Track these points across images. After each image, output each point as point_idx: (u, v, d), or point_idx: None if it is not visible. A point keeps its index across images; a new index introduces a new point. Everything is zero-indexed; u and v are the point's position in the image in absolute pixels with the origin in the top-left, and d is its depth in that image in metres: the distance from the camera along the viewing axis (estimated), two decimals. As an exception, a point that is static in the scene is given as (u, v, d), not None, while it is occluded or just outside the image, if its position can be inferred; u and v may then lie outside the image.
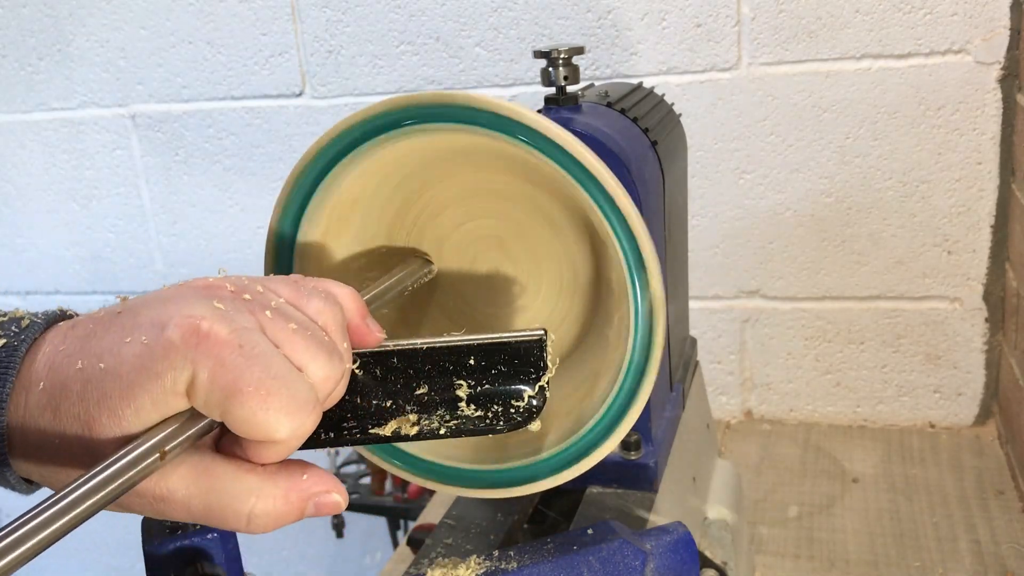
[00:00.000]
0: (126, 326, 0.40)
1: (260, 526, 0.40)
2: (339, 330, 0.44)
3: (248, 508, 0.40)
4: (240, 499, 0.40)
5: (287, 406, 0.38)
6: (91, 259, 1.64)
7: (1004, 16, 1.11)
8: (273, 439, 0.39)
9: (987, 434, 1.25)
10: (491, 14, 1.29)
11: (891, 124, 1.18)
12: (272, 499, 0.40)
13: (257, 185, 1.50)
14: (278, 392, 0.38)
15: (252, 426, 0.38)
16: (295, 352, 0.40)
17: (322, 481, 0.42)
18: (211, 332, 0.38)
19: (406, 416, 0.47)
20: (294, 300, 0.43)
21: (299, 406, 0.39)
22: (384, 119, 0.52)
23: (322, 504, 0.42)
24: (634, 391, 0.55)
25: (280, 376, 0.39)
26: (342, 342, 0.44)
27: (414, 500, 1.46)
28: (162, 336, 0.38)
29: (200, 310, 0.39)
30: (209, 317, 0.39)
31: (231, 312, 0.40)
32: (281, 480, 0.41)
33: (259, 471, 0.40)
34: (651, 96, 0.85)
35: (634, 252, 0.52)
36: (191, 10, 1.42)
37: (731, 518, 0.86)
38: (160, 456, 0.37)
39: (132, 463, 0.36)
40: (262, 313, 0.41)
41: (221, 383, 0.38)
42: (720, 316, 1.33)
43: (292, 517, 0.41)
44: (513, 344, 0.47)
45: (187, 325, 0.38)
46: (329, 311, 0.44)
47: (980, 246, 1.20)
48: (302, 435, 0.40)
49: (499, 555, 0.52)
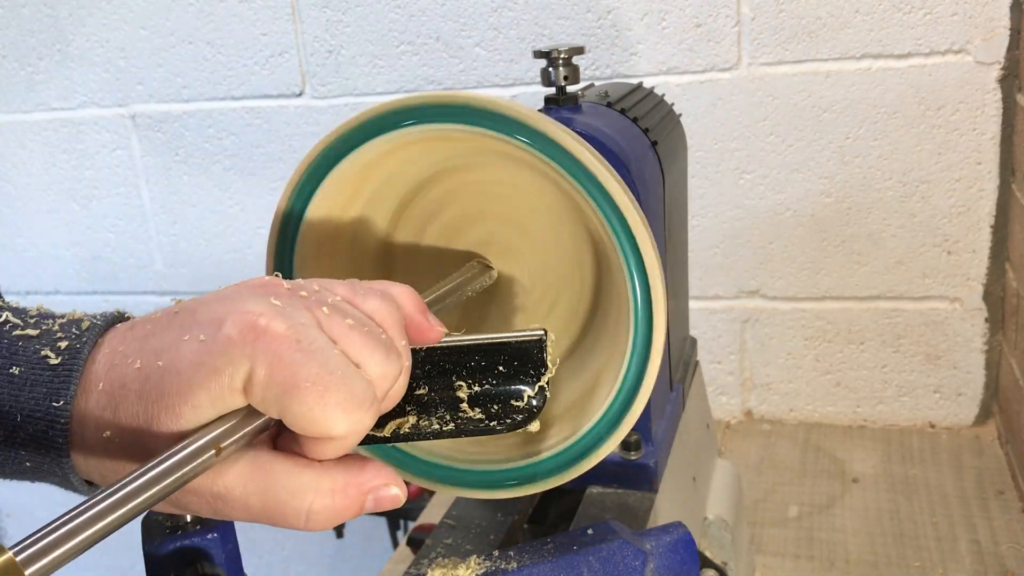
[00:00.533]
0: (184, 324, 0.40)
1: (319, 523, 0.40)
2: (397, 327, 0.44)
3: (307, 505, 0.39)
4: (298, 496, 0.39)
5: (345, 402, 0.38)
6: (91, 259, 1.64)
7: (1004, 16, 1.11)
8: (331, 435, 0.38)
9: (987, 434, 1.25)
10: (491, 14, 1.29)
11: (891, 124, 1.18)
12: (331, 494, 0.40)
13: (257, 185, 1.50)
14: (336, 388, 0.38)
15: (309, 422, 0.38)
16: (352, 348, 0.40)
17: (380, 474, 0.41)
18: (269, 328, 0.38)
19: (406, 416, 0.47)
20: (350, 298, 0.43)
21: (357, 402, 0.39)
22: (384, 120, 0.52)
23: (381, 498, 0.41)
24: (634, 391, 0.55)
25: (338, 372, 0.38)
26: (400, 339, 0.44)
27: (414, 500, 1.46)
28: (220, 333, 0.38)
29: (258, 307, 0.39)
30: (267, 313, 0.39)
31: (288, 308, 0.40)
32: (339, 475, 0.40)
33: (316, 467, 0.40)
34: (651, 96, 0.85)
35: (634, 252, 0.52)
36: (191, 10, 1.42)
37: (731, 518, 0.86)
38: (216, 452, 0.37)
39: (186, 459, 0.36)
40: (319, 309, 0.41)
41: (279, 379, 0.37)
42: (720, 316, 1.33)
43: (351, 512, 0.41)
44: (513, 344, 0.47)
45: (245, 321, 0.38)
46: (386, 308, 0.44)
47: (980, 246, 1.20)
48: (360, 431, 0.39)
49: (499, 555, 0.52)
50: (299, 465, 0.40)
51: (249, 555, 0.53)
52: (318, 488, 0.40)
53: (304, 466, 0.40)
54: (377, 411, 0.41)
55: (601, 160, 0.51)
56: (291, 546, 1.74)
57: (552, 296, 0.65)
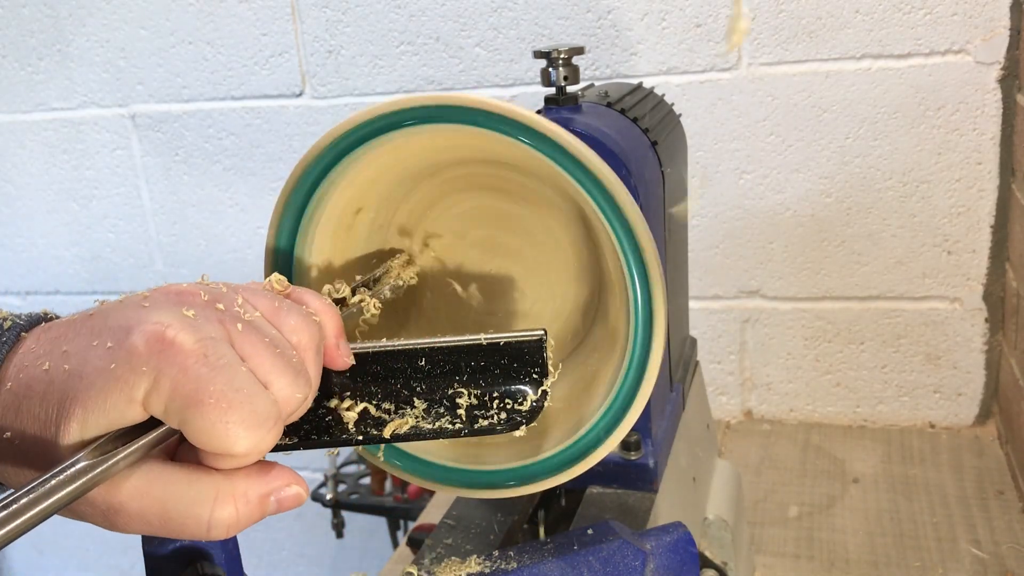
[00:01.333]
0: (95, 329, 0.39)
1: (222, 530, 0.39)
2: (312, 350, 0.43)
3: (207, 513, 0.39)
4: (198, 504, 0.39)
5: (247, 420, 0.37)
6: (91, 259, 1.64)
7: (1004, 16, 1.11)
8: (231, 452, 0.38)
9: (987, 434, 1.25)
10: (491, 14, 1.29)
11: (891, 124, 1.18)
12: (231, 500, 0.39)
13: (257, 185, 1.50)
14: (239, 405, 0.37)
15: (210, 438, 0.37)
16: (261, 367, 0.39)
17: (280, 475, 0.41)
18: (176, 340, 0.37)
19: (405, 417, 0.47)
20: (271, 315, 0.43)
21: (260, 421, 0.38)
22: (384, 120, 0.52)
23: (284, 499, 0.41)
24: (634, 391, 0.55)
25: (243, 389, 0.38)
26: (313, 363, 0.43)
27: (414, 500, 1.46)
28: (127, 341, 0.38)
29: (168, 317, 0.38)
30: (176, 325, 0.38)
31: (199, 321, 0.39)
32: (238, 480, 0.39)
33: (214, 475, 0.39)
34: (651, 96, 0.85)
35: (634, 252, 0.52)
36: (191, 10, 1.42)
37: (731, 518, 0.86)
38: (114, 462, 0.37)
39: (84, 470, 0.36)
40: (233, 325, 0.40)
41: (182, 392, 0.37)
42: (720, 316, 1.33)
43: (255, 517, 0.40)
44: (513, 345, 0.47)
45: (152, 331, 0.38)
46: (306, 330, 0.43)
47: (980, 246, 1.20)
48: (261, 451, 0.39)
49: (499, 555, 0.52)
50: (196, 473, 0.39)
51: (249, 555, 0.53)
52: (218, 495, 0.39)
53: (203, 473, 0.39)
54: (280, 431, 0.40)
55: (600, 160, 0.51)
56: (291, 546, 1.74)
57: (551, 296, 0.65)
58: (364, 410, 0.47)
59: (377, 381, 0.47)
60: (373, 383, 0.47)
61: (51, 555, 1.88)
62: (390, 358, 0.46)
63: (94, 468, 0.36)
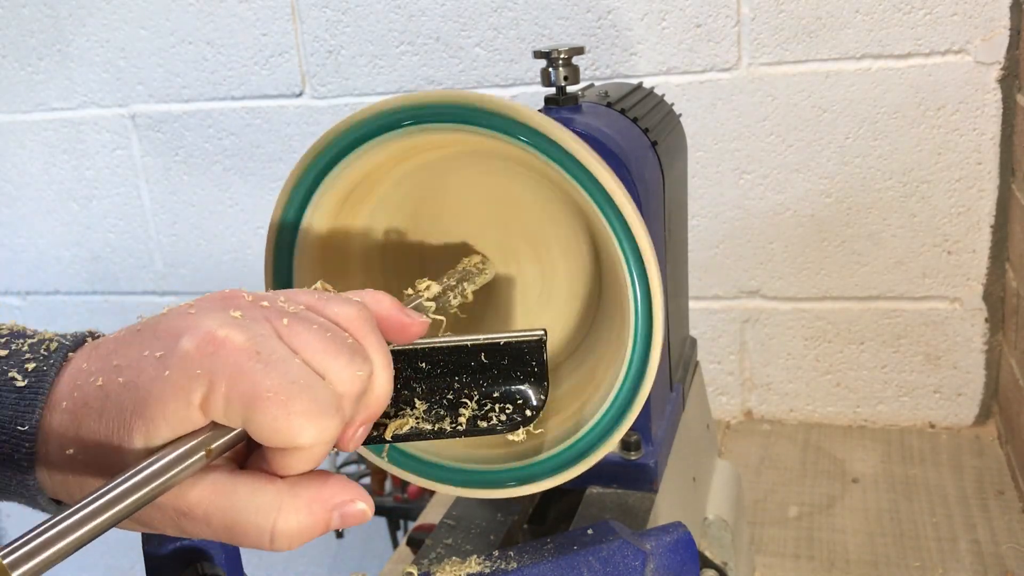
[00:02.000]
0: (145, 341, 0.39)
1: (284, 542, 0.39)
2: (365, 327, 0.43)
3: (270, 523, 0.39)
4: (261, 514, 0.38)
5: (309, 410, 0.37)
6: (91, 259, 1.64)
7: (1004, 16, 1.11)
8: (297, 445, 0.38)
9: (987, 434, 1.25)
10: (491, 14, 1.29)
11: (891, 124, 1.18)
12: (295, 512, 0.39)
13: (257, 185, 1.50)
14: (299, 396, 0.37)
15: (274, 432, 0.37)
16: (315, 356, 0.39)
17: (346, 490, 0.40)
18: (227, 340, 0.38)
19: (406, 417, 0.47)
20: (314, 306, 0.43)
21: (321, 409, 0.38)
22: (383, 120, 0.52)
23: (348, 514, 0.40)
24: (634, 391, 0.55)
25: (300, 380, 0.38)
26: (370, 339, 0.42)
27: (414, 500, 1.46)
28: (177, 347, 0.38)
29: (216, 320, 0.39)
30: (225, 325, 0.38)
31: (247, 320, 0.39)
32: (302, 491, 0.39)
33: (279, 483, 0.39)
34: (651, 96, 0.85)
35: (634, 252, 0.52)
36: (191, 10, 1.42)
37: (731, 518, 0.86)
38: (179, 471, 0.36)
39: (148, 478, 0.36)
40: (279, 320, 0.40)
41: (240, 391, 0.37)
42: (720, 316, 1.33)
43: (318, 530, 0.40)
44: (513, 344, 0.47)
45: (202, 335, 0.38)
46: (352, 311, 0.43)
47: (980, 246, 1.20)
48: (327, 440, 0.39)
49: (499, 555, 0.52)
50: (262, 481, 0.39)
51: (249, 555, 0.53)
52: (282, 505, 0.39)
53: (268, 482, 0.39)
54: (344, 417, 0.40)
55: (600, 160, 0.51)
56: (291, 546, 1.74)
57: (551, 296, 0.65)
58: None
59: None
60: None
61: (51, 555, 1.87)
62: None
63: (157, 477, 0.36)
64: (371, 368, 0.42)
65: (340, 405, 0.39)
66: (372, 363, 0.42)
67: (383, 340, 0.44)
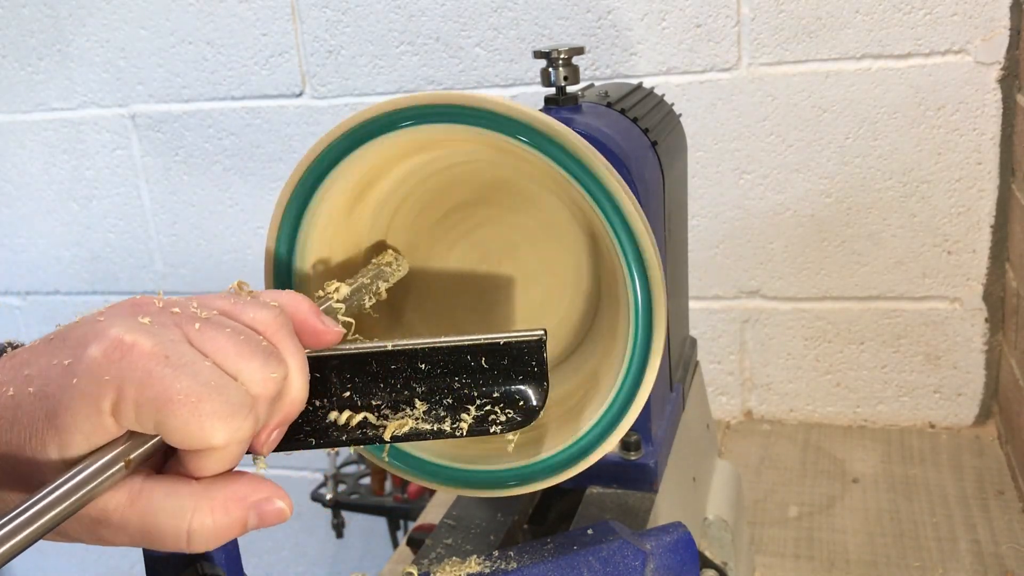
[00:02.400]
0: (55, 350, 0.39)
1: (201, 543, 0.39)
2: (281, 331, 0.43)
3: (186, 524, 0.38)
4: (176, 516, 0.38)
5: (220, 411, 0.37)
6: (91, 259, 1.64)
7: (1004, 16, 1.11)
8: (210, 446, 0.38)
9: (987, 434, 1.25)
10: (491, 14, 1.29)
11: (891, 124, 1.18)
12: (210, 512, 0.39)
13: (257, 185, 1.50)
14: (209, 397, 0.37)
15: (186, 435, 0.37)
16: (226, 359, 0.39)
17: (262, 488, 0.40)
18: (135, 346, 0.37)
19: (405, 418, 0.47)
20: (228, 310, 0.42)
21: (233, 410, 0.38)
22: (382, 120, 0.52)
23: (265, 513, 0.40)
24: (634, 391, 0.55)
25: (211, 382, 0.38)
26: (285, 343, 0.42)
27: (414, 500, 1.46)
28: (85, 354, 0.37)
29: (124, 325, 0.38)
30: (133, 331, 0.38)
31: (156, 326, 0.39)
32: (217, 492, 0.39)
33: (193, 485, 0.39)
34: (651, 96, 0.85)
35: (634, 252, 0.52)
36: (191, 10, 1.42)
37: (731, 518, 0.86)
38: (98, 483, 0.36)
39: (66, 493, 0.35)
40: (190, 325, 0.40)
41: (149, 395, 0.37)
42: (720, 316, 1.33)
43: (235, 530, 0.40)
44: (513, 345, 0.47)
45: (109, 341, 0.37)
46: (267, 315, 0.43)
47: (980, 246, 1.20)
48: (241, 440, 0.39)
49: (499, 555, 0.52)
50: (177, 484, 0.39)
51: (249, 555, 0.53)
52: (196, 506, 0.39)
53: (183, 485, 0.39)
54: (258, 418, 0.40)
55: (601, 160, 0.51)
56: (291, 546, 1.74)
57: (552, 296, 0.65)
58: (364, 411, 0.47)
59: (376, 382, 0.47)
60: (372, 384, 0.47)
61: (53, 556, 1.88)
62: (389, 359, 0.46)
63: (77, 491, 0.36)
64: (286, 371, 0.42)
65: (253, 406, 0.39)
66: (287, 366, 0.42)
67: (299, 344, 0.44)
